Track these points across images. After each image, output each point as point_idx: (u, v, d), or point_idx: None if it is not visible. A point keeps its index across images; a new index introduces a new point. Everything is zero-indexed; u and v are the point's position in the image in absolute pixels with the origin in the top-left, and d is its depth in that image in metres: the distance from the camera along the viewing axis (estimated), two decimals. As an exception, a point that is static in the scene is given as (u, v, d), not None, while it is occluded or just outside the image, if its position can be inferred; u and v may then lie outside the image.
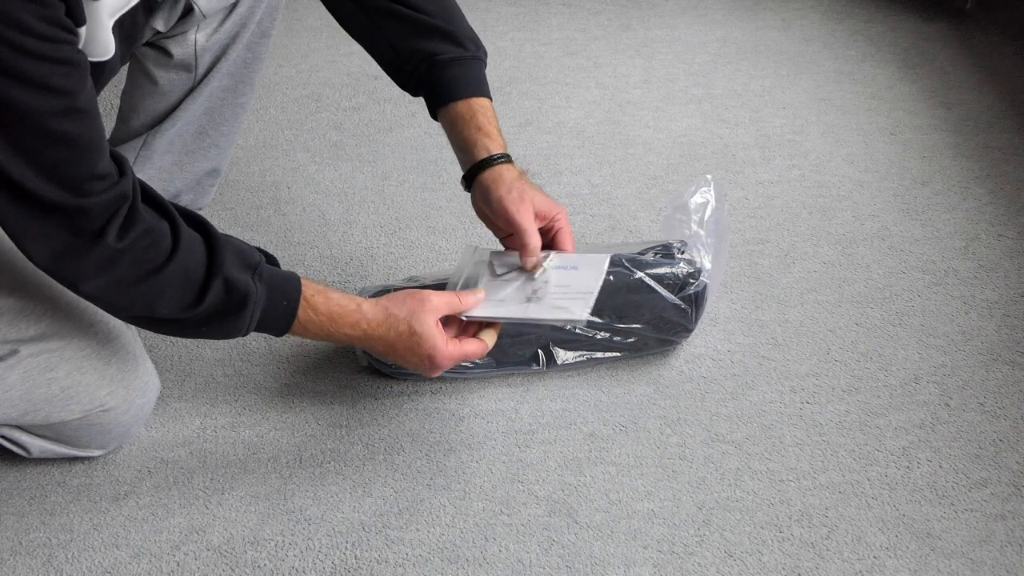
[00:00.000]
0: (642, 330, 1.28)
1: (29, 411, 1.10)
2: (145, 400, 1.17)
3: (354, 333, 1.10)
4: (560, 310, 1.16)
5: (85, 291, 0.99)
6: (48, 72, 0.86)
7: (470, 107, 1.20)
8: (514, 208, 1.16)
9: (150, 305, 1.00)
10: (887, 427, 1.25)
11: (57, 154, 0.90)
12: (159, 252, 0.99)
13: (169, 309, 1.01)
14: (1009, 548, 1.11)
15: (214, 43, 1.29)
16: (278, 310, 1.06)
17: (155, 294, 1.00)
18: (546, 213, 1.19)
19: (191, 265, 1.00)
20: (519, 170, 1.20)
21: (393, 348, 1.11)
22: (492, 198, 1.17)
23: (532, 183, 1.20)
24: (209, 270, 1.01)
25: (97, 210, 0.94)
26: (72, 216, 0.93)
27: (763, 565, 1.09)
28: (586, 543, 1.11)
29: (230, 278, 1.02)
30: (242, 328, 1.05)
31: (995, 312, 1.42)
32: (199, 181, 1.44)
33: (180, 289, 1.00)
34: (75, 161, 0.92)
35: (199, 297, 1.01)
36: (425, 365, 1.12)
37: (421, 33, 1.20)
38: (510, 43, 2.10)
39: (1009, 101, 1.89)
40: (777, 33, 2.15)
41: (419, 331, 1.10)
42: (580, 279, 1.18)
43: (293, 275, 1.08)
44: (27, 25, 0.83)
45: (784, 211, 1.62)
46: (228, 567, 1.09)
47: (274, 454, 1.22)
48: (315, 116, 1.85)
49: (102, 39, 1.01)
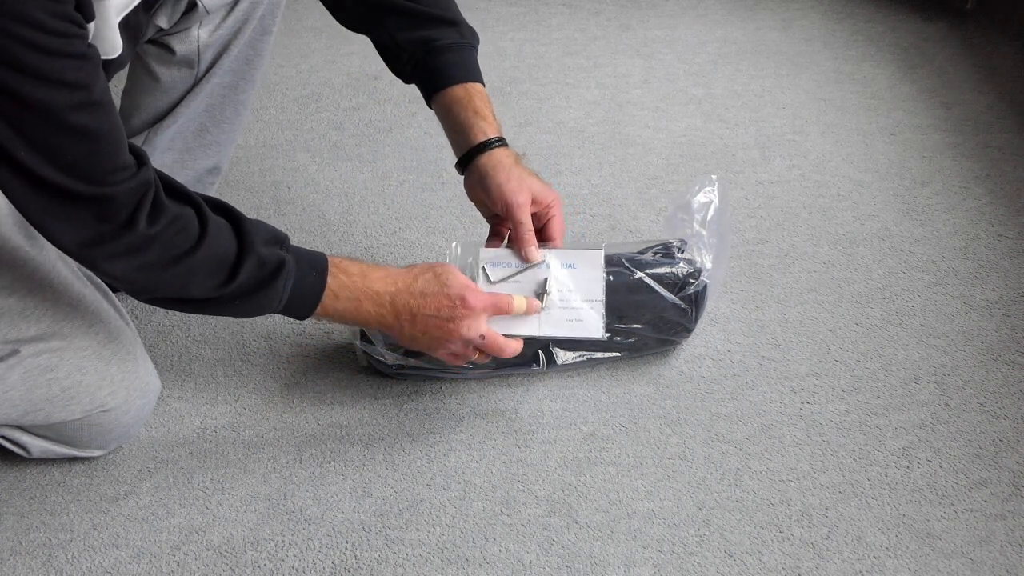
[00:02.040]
0: (642, 330, 1.28)
1: (30, 411, 1.10)
2: (145, 400, 1.17)
3: (384, 288, 1.09)
4: (574, 324, 1.17)
5: (113, 274, 0.99)
6: (62, 67, 0.87)
7: (467, 91, 1.21)
8: (513, 198, 1.18)
9: (183, 287, 1.01)
10: (887, 427, 1.25)
11: (78, 147, 0.91)
12: (188, 237, 0.99)
13: (202, 290, 1.02)
14: (1009, 548, 1.11)
15: (216, 39, 1.29)
16: (308, 280, 1.06)
17: (188, 277, 1.00)
18: (542, 200, 1.20)
19: (221, 246, 1.01)
20: (516, 154, 1.21)
21: (423, 299, 1.10)
22: (491, 184, 1.18)
23: (528, 168, 1.21)
24: (241, 248, 1.02)
25: (123, 198, 0.95)
26: (100, 204, 0.94)
27: (763, 565, 1.09)
28: (586, 543, 1.11)
29: (262, 253, 1.03)
30: (275, 300, 1.05)
31: (995, 312, 1.42)
32: (200, 179, 1.44)
33: (213, 269, 1.01)
34: (96, 153, 0.92)
35: (232, 274, 1.01)
36: (459, 313, 1.10)
37: (421, 23, 1.22)
38: (510, 43, 2.10)
39: (1009, 101, 1.89)
40: (777, 33, 2.15)
41: (442, 273, 1.11)
42: (581, 280, 1.19)
43: (318, 252, 1.09)
44: (39, 21, 0.84)
45: (784, 211, 1.62)
46: (228, 567, 1.09)
47: (274, 454, 1.22)
48: (315, 116, 1.86)
49: (110, 38, 1.02)
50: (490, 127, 1.21)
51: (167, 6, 1.20)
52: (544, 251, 1.20)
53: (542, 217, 1.22)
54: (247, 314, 1.09)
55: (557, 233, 1.22)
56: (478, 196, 1.23)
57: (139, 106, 1.36)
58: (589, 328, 1.18)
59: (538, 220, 1.21)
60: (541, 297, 1.18)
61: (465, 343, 1.12)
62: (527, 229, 1.18)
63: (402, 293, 1.10)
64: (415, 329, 1.11)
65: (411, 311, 1.10)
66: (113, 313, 1.16)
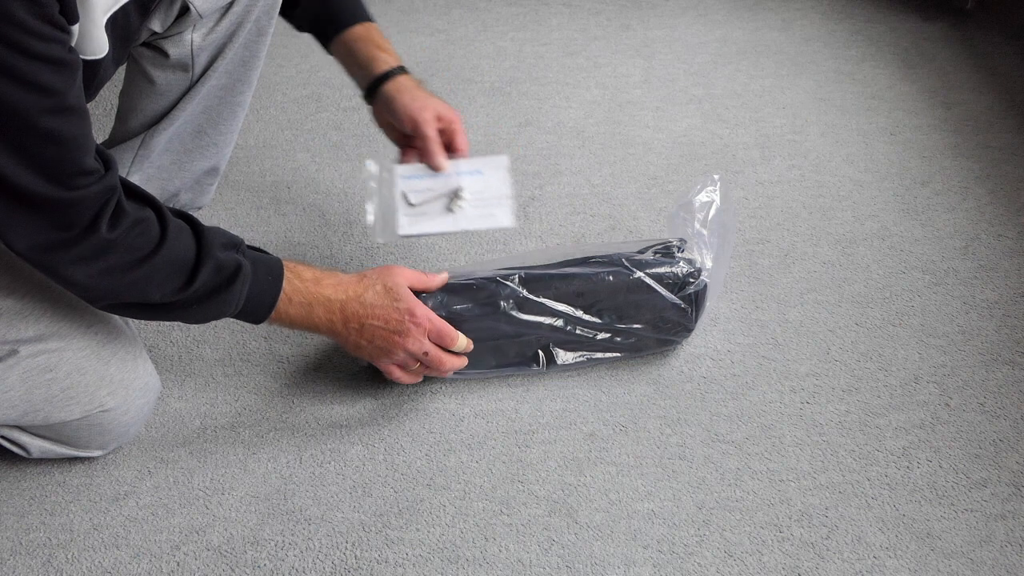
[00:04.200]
0: (642, 330, 1.28)
1: (29, 411, 1.10)
2: (145, 401, 1.17)
3: (335, 295, 1.13)
4: (487, 218, 1.28)
5: (73, 279, 0.99)
6: (38, 70, 0.87)
7: (366, 29, 1.32)
8: (420, 115, 1.27)
9: (143, 291, 1.02)
10: (887, 427, 1.25)
11: (46, 151, 0.91)
12: (149, 239, 1.01)
13: (161, 293, 1.03)
14: (1009, 548, 1.11)
15: (210, 43, 1.29)
16: (264, 284, 1.09)
17: (148, 280, 1.01)
18: (445, 115, 1.29)
19: (181, 248, 1.03)
20: (417, 80, 1.31)
21: (372, 310, 1.14)
22: (397, 106, 1.28)
23: (429, 91, 1.31)
24: (199, 251, 1.04)
25: (87, 203, 0.95)
26: (62, 209, 0.94)
27: (763, 565, 1.09)
28: (586, 543, 1.11)
29: (220, 257, 1.05)
30: (232, 304, 1.07)
31: (995, 312, 1.42)
32: (198, 180, 1.44)
33: (172, 272, 1.03)
34: (63, 158, 0.92)
35: (191, 278, 1.03)
36: (405, 327, 1.15)
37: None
38: (510, 43, 2.10)
39: (1009, 101, 1.89)
40: (777, 33, 2.15)
41: (393, 287, 1.16)
42: (490, 184, 1.30)
43: (272, 255, 1.13)
44: (22, 22, 0.84)
45: (784, 211, 1.62)
46: (228, 567, 1.09)
47: (274, 454, 1.22)
48: (315, 116, 1.85)
49: (96, 36, 1.02)
50: (392, 58, 1.31)
51: (160, 10, 1.20)
52: (452, 161, 1.29)
53: (447, 133, 1.30)
54: (204, 318, 1.10)
55: (462, 145, 1.30)
56: (385, 120, 1.32)
57: (136, 108, 1.36)
58: (500, 219, 1.28)
59: (444, 136, 1.29)
60: (455, 199, 1.28)
61: (409, 355, 1.17)
62: (434, 141, 1.27)
63: (352, 301, 1.14)
64: (362, 338, 1.16)
65: (359, 320, 1.15)
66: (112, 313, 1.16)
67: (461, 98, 1.91)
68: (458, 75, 1.99)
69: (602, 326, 1.27)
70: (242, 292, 1.07)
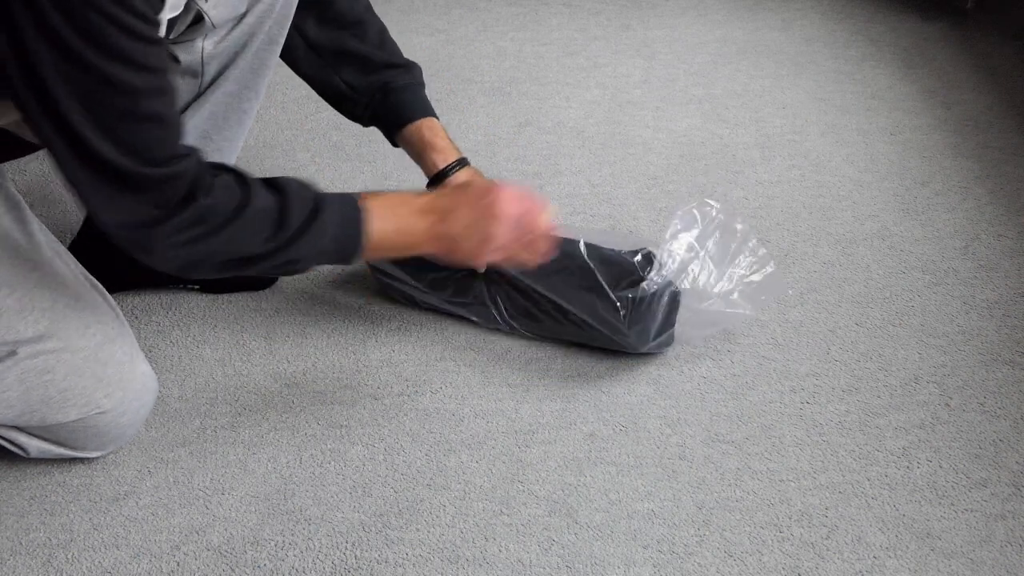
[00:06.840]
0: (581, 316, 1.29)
1: (25, 412, 1.10)
2: (142, 403, 1.17)
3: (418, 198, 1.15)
4: None
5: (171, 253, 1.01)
6: (147, 52, 0.91)
7: (430, 126, 1.35)
8: None
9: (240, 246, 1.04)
10: (887, 427, 1.25)
11: (151, 133, 0.94)
12: (235, 195, 1.03)
13: (262, 239, 1.05)
14: (1009, 548, 1.11)
15: (221, 51, 1.29)
16: (348, 210, 1.10)
17: (244, 232, 1.03)
18: None
19: (264, 197, 1.05)
20: (474, 170, 1.36)
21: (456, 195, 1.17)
22: None
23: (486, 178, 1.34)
24: (281, 194, 1.06)
25: (185, 178, 0.99)
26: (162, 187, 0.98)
27: (763, 565, 1.09)
28: (586, 543, 1.11)
29: (302, 194, 1.07)
30: (326, 234, 1.07)
31: (995, 312, 1.42)
32: None
33: (265, 219, 1.04)
34: (164, 138, 0.97)
35: (282, 219, 1.05)
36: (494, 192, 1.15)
37: (375, 68, 1.35)
38: (510, 43, 2.10)
39: (1009, 101, 1.89)
40: (777, 33, 2.15)
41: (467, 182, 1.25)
42: None
43: None
44: (131, 5, 0.88)
45: (784, 211, 1.62)
46: (228, 567, 1.09)
47: (274, 454, 1.22)
48: (315, 116, 1.86)
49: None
50: (450, 155, 1.34)
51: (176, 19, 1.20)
52: None
53: None
54: (301, 258, 1.09)
55: None
56: None
57: None
58: None
59: None
60: None
61: (510, 223, 1.16)
62: None
63: (438, 197, 1.17)
64: (459, 224, 1.15)
65: (450, 207, 1.15)
66: (111, 314, 1.16)
67: (461, 98, 1.91)
68: (458, 75, 1.99)
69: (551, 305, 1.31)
70: (331, 219, 1.08)
